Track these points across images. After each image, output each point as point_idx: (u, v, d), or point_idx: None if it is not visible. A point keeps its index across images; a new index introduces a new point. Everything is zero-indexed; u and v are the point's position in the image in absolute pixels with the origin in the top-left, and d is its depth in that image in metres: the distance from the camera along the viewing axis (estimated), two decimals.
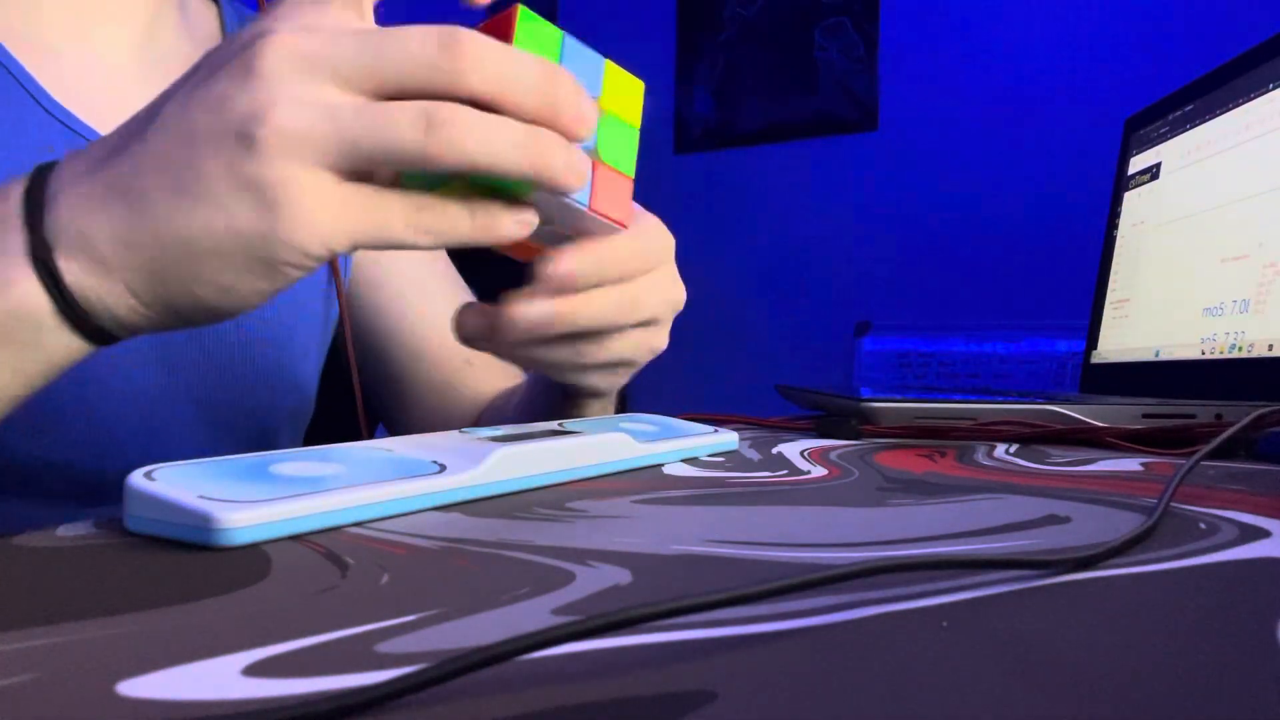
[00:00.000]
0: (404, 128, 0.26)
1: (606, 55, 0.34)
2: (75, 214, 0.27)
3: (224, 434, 0.51)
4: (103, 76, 0.48)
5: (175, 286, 0.28)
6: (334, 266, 0.54)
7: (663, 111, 2.67)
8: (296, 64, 0.26)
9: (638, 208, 0.37)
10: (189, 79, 0.28)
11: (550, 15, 2.84)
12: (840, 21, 2.40)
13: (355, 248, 0.28)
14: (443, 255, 0.69)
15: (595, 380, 0.40)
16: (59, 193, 0.28)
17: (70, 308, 0.27)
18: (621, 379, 0.41)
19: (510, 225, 0.29)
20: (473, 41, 0.27)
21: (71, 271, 0.27)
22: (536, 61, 0.28)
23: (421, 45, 0.27)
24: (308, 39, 0.27)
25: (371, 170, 0.28)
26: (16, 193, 0.28)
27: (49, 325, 0.28)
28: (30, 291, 0.27)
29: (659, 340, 0.39)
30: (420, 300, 0.63)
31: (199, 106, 0.27)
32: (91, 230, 0.27)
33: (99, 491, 0.46)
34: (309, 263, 0.27)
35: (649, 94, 2.79)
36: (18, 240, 0.27)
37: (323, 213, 0.27)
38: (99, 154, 0.28)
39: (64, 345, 0.28)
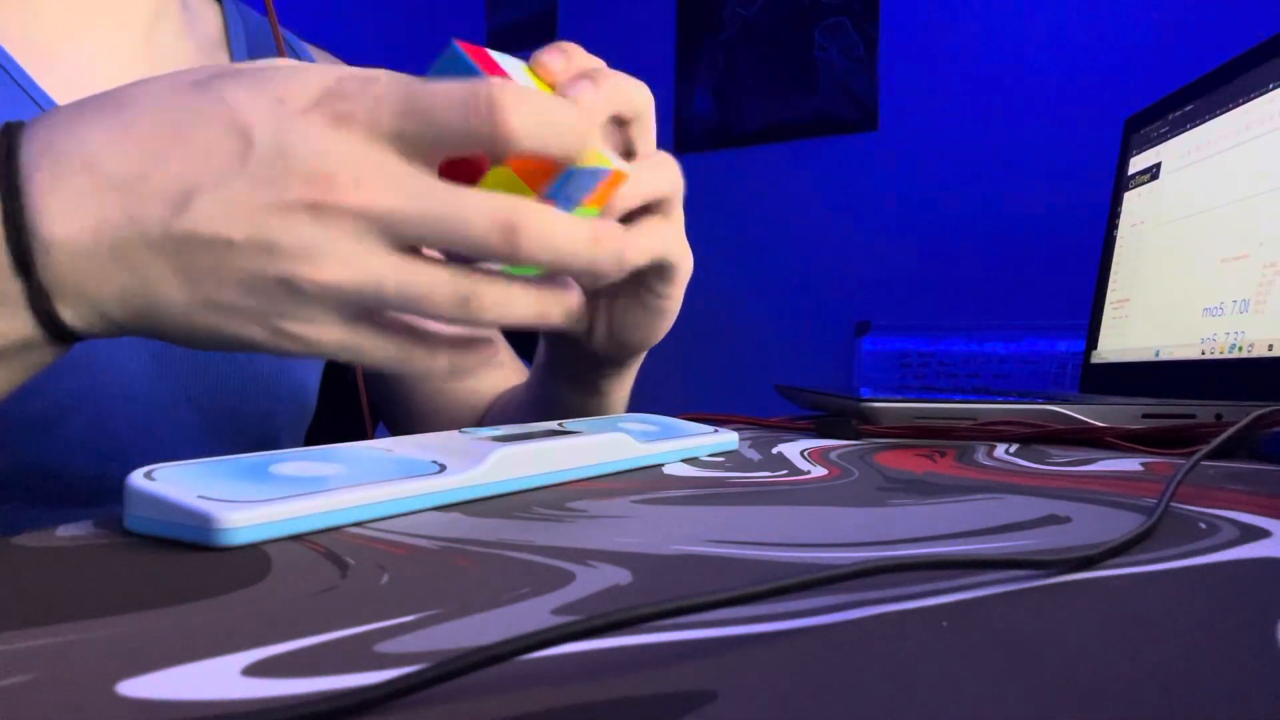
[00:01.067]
0: (440, 303, 0.27)
1: (606, 56, 0.34)
2: (76, 276, 0.26)
3: (224, 438, 0.51)
4: (104, 80, 0.48)
5: (174, 338, 0.28)
6: None
7: (663, 111, 2.67)
8: (359, 221, 0.26)
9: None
10: (235, 165, 0.26)
11: (550, 16, 2.84)
12: (840, 21, 2.40)
13: (326, 359, 0.30)
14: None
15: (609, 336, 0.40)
16: (51, 246, 0.26)
17: (64, 337, 0.28)
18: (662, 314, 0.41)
19: (478, 364, 0.31)
20: (533, 226, 0.27)
21: (73, 316, 0.27)
22: (583, 229, 0.28)
23: (485, 225, 0.26)
24: (376, 198, 0.26)
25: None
26: None
27: (38, 346, 0.28)
28: (26, 329, 0.27)
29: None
30: None
31: (243, 225, 0.25)
32: (95, 294, 0.27)
33: (100, 496, 0.46)
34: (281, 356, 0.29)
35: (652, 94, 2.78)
36: (12, 286, 0.26)
37: (325, 342, 0.28)
38: (102, 206, 0.26)
39: (51, 355, 0.29)
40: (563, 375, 0.47)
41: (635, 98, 0.34)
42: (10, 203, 0.26)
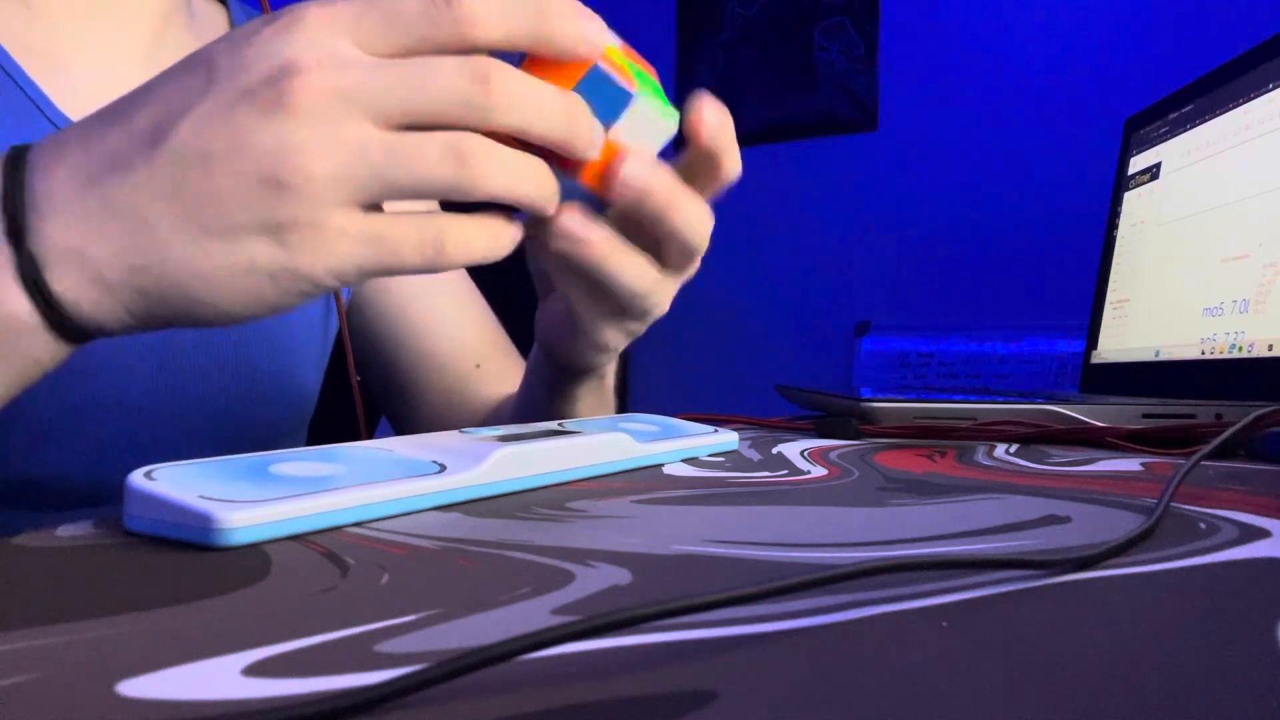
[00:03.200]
0: (434, 163, 0.27)
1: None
2: (71, 234, 0.26)
3: (223, 443, 0.51)
4: (109, 87, 0.48)
5: (175, 307, 0.27)
6: None
7: None
8: (329, 103, 0.26)
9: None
10: (201, 87, 0.27)
11: None
12: (840, 21, 2.40)
13: (364, 278, 0.28)
14: None
15: (608, 334, 0.40)
16: (46, 207, 0.26)
17: (60, 318, 0.27)
18: (625, 339, 0.40)
19: (518, 235, 0.30)
20: (502, 77, 0.27)
21: (65, 287, 0.26)
22: (558, 95, 0.28)
23: (455, 78, 0.26)
24: (340, 75, 0.26)
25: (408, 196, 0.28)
26: None
27: (31, 332, 0.27)
28: (17, 306, 0.26)
29: (669, 295, 0.38)
30: (430, 303, 0.62)
31: (219, 136, 0.26)
32: (91, 251, 0.26)
33: (98, 501, 0.46)
34: (315, 293, 0.28)
35: None
36: (1, 255, 0.26)
37: (340, 247, 0.27)
38: (89, 162, 0.27)
39: (46, 350, 0.28)
40: (542, 379, 0.47)
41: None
42: (12, 173, 0.27)
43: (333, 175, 0.26)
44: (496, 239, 0.29)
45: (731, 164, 0.34)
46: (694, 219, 0.34)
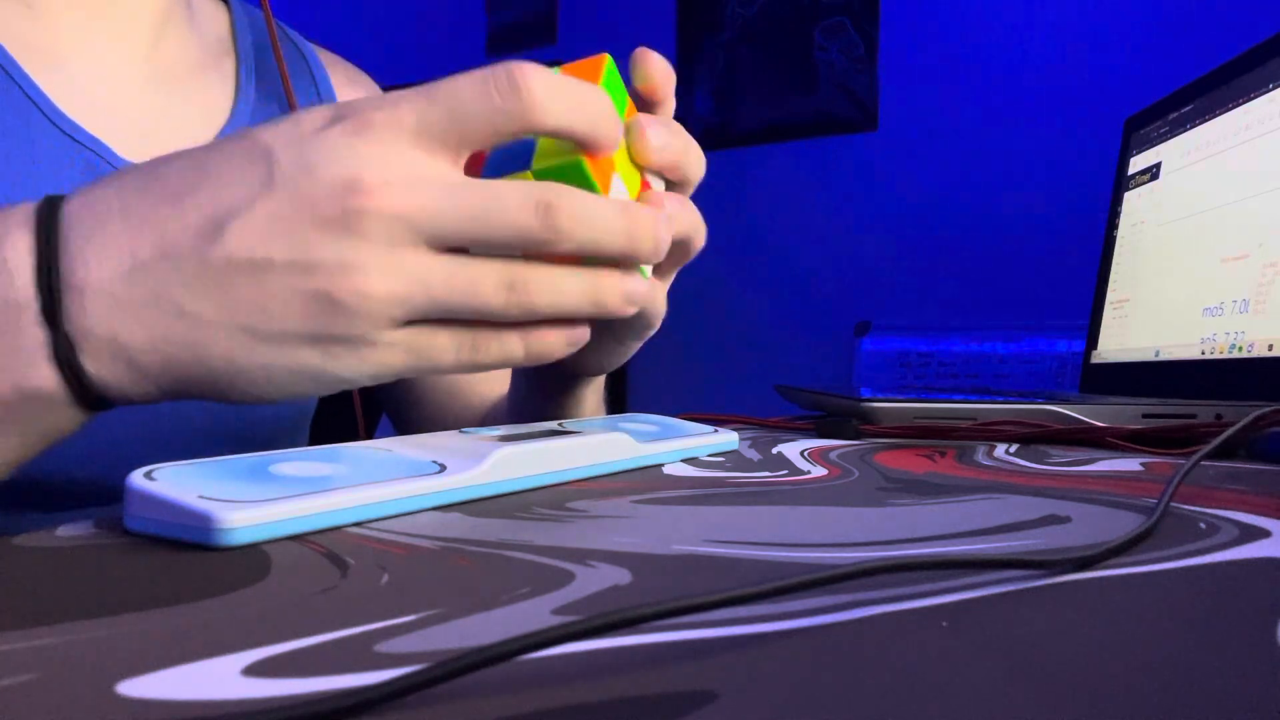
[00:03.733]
0: (489, 292, 0.27)
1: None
2: (109, 321, 0.25)
3: (226, 444, 0.51)
4: (109, 86, 0.48)
5: (208, 392, 0.27)
6: None
7: None
8: (394, 226, 0.25)
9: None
10: (262, 183, 0.26)
11: (550, 16, 2.84)
12: (840, 21, 2.40)
13: (399, 378, 0.28)
14: None
15: (612, 350, 0.41)
16: (85, 287, 0.25)
17: (88, 395, 0.26)
18: (637, 345, 0.41)
19: (561, 347, 0.30)
20: (568, 206, 0.27)
21: (99, 368, 0.26)
22: (619, 213, 0.28)
23: (519, 213, 0.26)
24: (408, 198, 0.26)
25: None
26: (24, 271, 0.25)
27: (59, 406, 0.27)
28: (47, 383, 0.26)
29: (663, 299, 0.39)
30: None
31: (278, 246, 0.25)
32: (130, 340, 0.26)
33: (100, 501, 0.46)
34: (351, 387, 0.28)
35: None
36: (36, 335, 0.25)
37: (385, 358, 0.27)
38: (134, 245, 0.25)
39: (71, 420, 0.28)
40: (539, 387, 0.47)
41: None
42: (46, 248, 0.25)
43: (390, 298, 0.26)
44: (542, 347, 0.30)
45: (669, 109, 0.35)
46: (696, 224, 0.35)
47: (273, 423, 0.53)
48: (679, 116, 2.68)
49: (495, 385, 0.61)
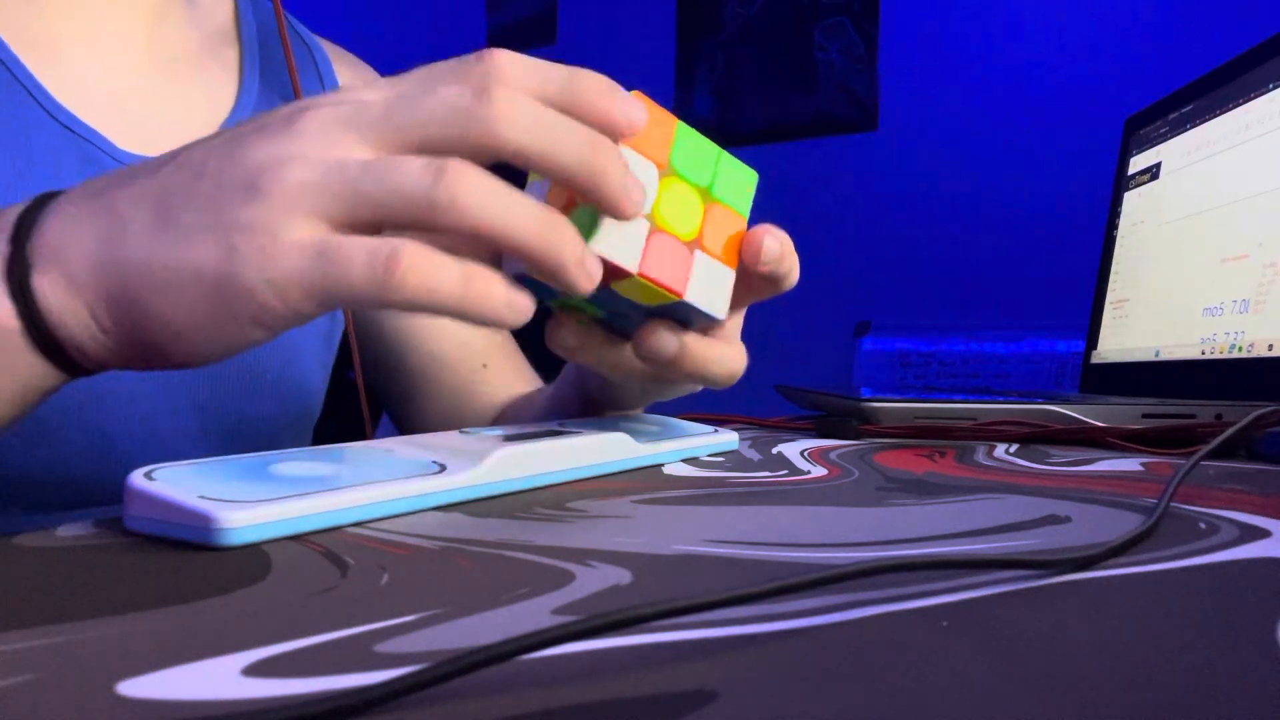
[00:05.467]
0: (413, 176, 0.24)
1: (606, 56, 0.33)
2: (59, 231, 0.27)
3: (228, 443, 0.51)
4: (107, 77, 0.48)
5: (133, 319, 0.26)
6: None
7: None
8: (327, 126, 0.26)
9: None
10: (234, 131, 0.27)
11: (550, 16, 2.84)
12: (840, 21, 2.40)
13: (310, 300, 0.25)
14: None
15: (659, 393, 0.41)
16: (52, 212, 0.27)
17: (38, 328, 0.26)
18: (678, 392, 0.42)
19: (501, 306, 0.25)
20: (507, 96, 0.25)
21: (43, 290, 0.26)
22: (575, 125, 0.26)
23: (455, 98, 0.25)
24: (345, 105, 0.26)
25: (377, 225, 0.26)
26: (14, 211, 0.28)
27: (19, 348, 0.27)
28: (3, 311, 0.26)
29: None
30: None
31: (221, 154, 0.26)
32: (68, 247, 0.26)
33: (100, 502, 0.46)
34: (267, 317, 0.25)
35: (651, 94, 2.79)
36: (1, 253, 0.27)
37: (286, 259, 0.25)
38: (110, 179, 0.28)
39: (36, 372, 0.27)
40: (585, 401, 0.47)
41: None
42: (30, 207, 0.27)
43: (304, 182, 0.25)
44: (476, 289, 0.25)
45: (792, 276, 0.35)
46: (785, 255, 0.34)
47: (275, 421, 0.53)
48: (679, 116, 2.68)
49: (502, 387, 0.61)
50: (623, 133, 0.28)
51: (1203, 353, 0.65)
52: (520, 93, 0.26)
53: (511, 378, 0.62)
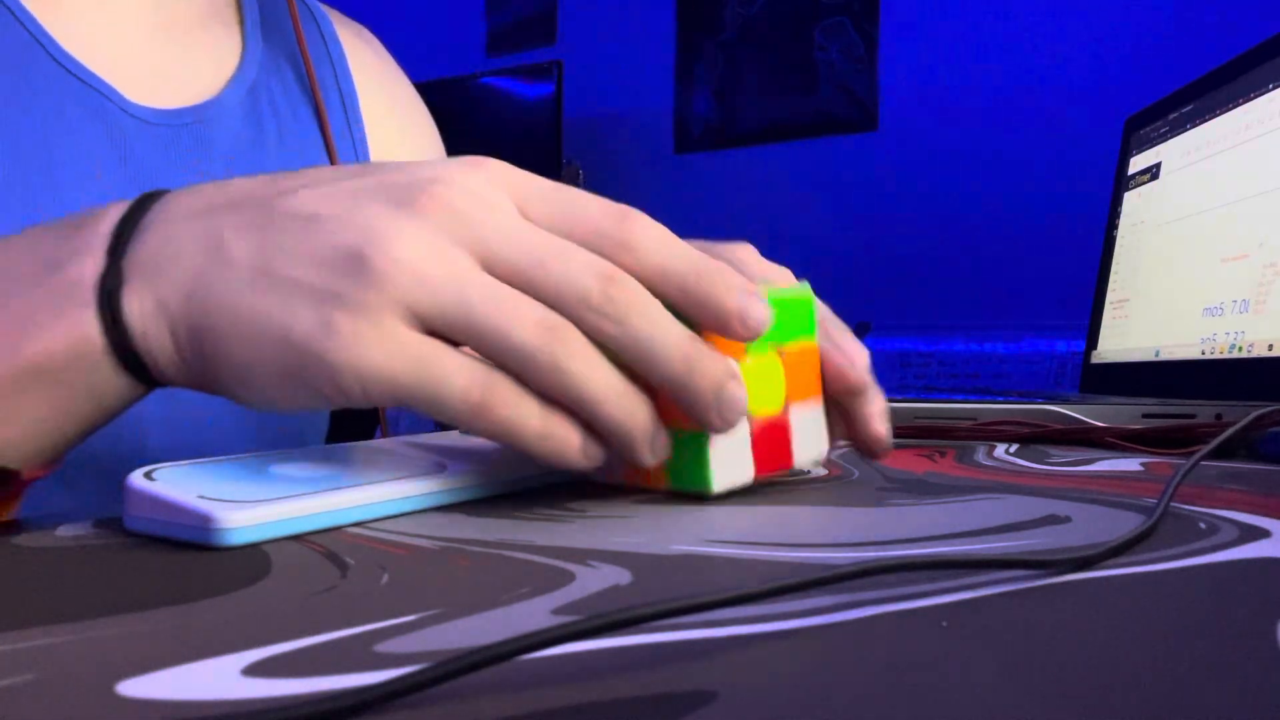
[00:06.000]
0: (526, 324, 0.24)
1: (606, 56, 0.33)
2: (158, 251, 0.26)
3: (252, 429, 0.51)
4: (115, 34, 0.48)
5: (210, 354, 0.26)
6: None
7: (663, 111, 2.67)
8: (455, 220, 0.25)
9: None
10: (356, 172, 0.27)
11: (550, 16, 2.84)
12: (840, 21, 2.40)
13: (392, 398, 0.25)
14: None
15: None
16: (153, 226, 0.26)
17: (123, 345, 0.26)
18: None
19: (575, 454, 0.26)
20: (630, 286, 0.25)
21: (132, 308, 0.26)
22: (684, 342, 0.26)
23: (584, 269, 0.25)
24: (481, 205, 0.25)
25: (468, 344, 0.25)
26: (112, 217, 0.27)
27: (101, 364, 0.26)
28: (89, 328, 0.26)
29: None
30: None
31: (337, 205, 0.25)
32: (166, 269, 0.26)
33: (119, 482, 0.46)
34: (339, 398, 0.25)
35: (651, 94, 2.79)
36: (92, 267, 0.26)
37: (381, 349, 0.24)
38: (215, 195, 0.27)
39: (116, 385, 0.27)
40: None
41: None
42: (136, 205, 0.27)
43: (419, 277, 0.24)
44: (557, 437, 0.25)
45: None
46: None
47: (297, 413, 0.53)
48: (679, 116, 2.68)
49: None
50: (739, 337, 0.27)
51: (1203, 353, 0.65)
52: (645, 296, 0.25)
53: None
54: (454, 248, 0.25)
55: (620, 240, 0.26)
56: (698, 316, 0.26)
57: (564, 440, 0.25)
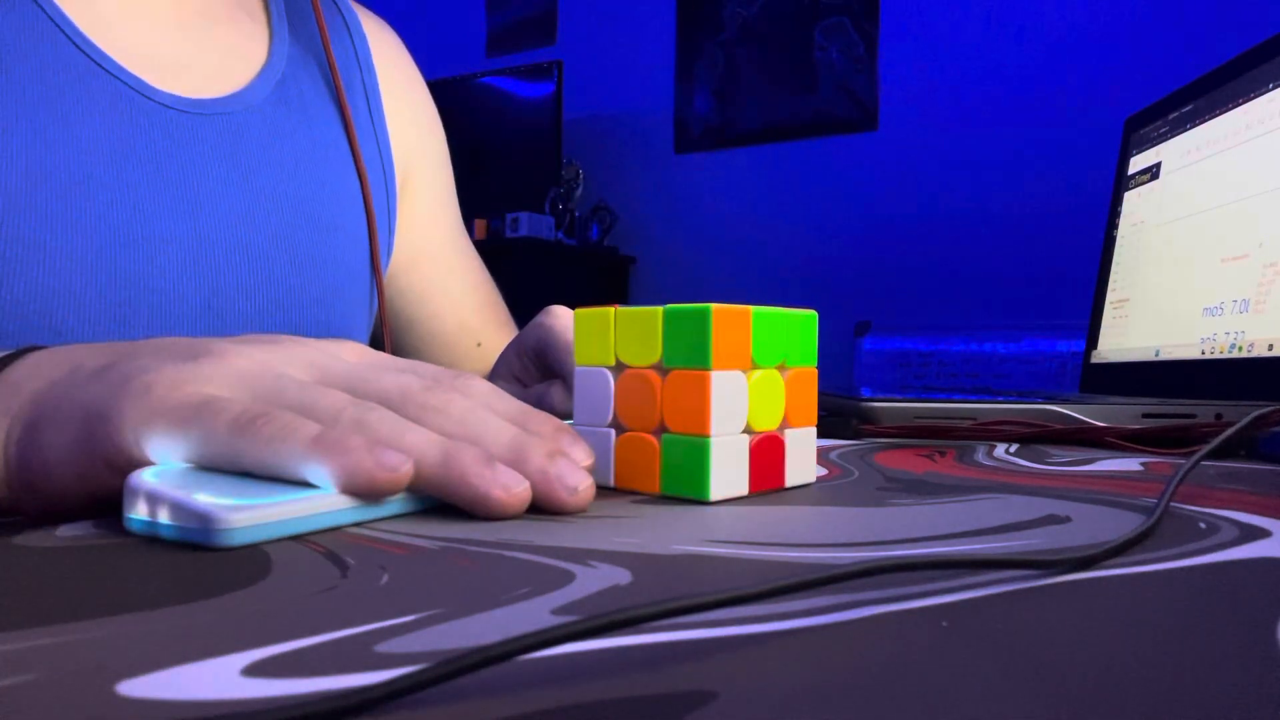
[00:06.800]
0: (331, 401, 0.26)
1: (606, 56, 0.33)
2: (24, 372, 0.28)
3: None
4: (141, 27, 0.49)
5: (26, 448, 0.26)
6: (374, 256, 0.55)
7: (663, 111, 2.67)
8: (297, 353, 0.28)
9: None
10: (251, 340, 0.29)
11: (550, 16, 2.84)
12: (840, 21, 2.40)
13: (174, 440, 0.25)
14: (462, 230, 0.70)
15: None
16: (28, 359, 0.29)
17: None
18: None
19: (377, 472, 0.24)
20: (448, 398, 0.27)
21: None
22: (491, 425, 0.27)
23: (409, 382, 0.28)
24: (318, 352, 0.29)
25: None
26: None
27: None
28: None
29: None
30: (445, 284, 0.64)
31: (209, 340, 0.28)
32: (22, 383, 0.28)
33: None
34: (120, 458, 0.25)
35: (650, 94, 2.79)
36: None
37: (159, 396, 0.25)
38: (89, 348, 0.29)
39: None
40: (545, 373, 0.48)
41: None
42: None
43: (241, 369, 0.27)
44: (321, 440, 0.24)
45: None
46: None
47: None
48: (679, 116, 2.68)
49: (493, 362, 0.62)
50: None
51: (1203, 353, 0.65)
52: (463, 398, 0.28)
53: (501, 335, 0.63)
54: (284, 366, 0.27)
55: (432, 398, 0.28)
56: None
57: (370, 468, 0.24)
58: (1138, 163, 0.81)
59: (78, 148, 0.44)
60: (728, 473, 0.29)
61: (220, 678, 0.14)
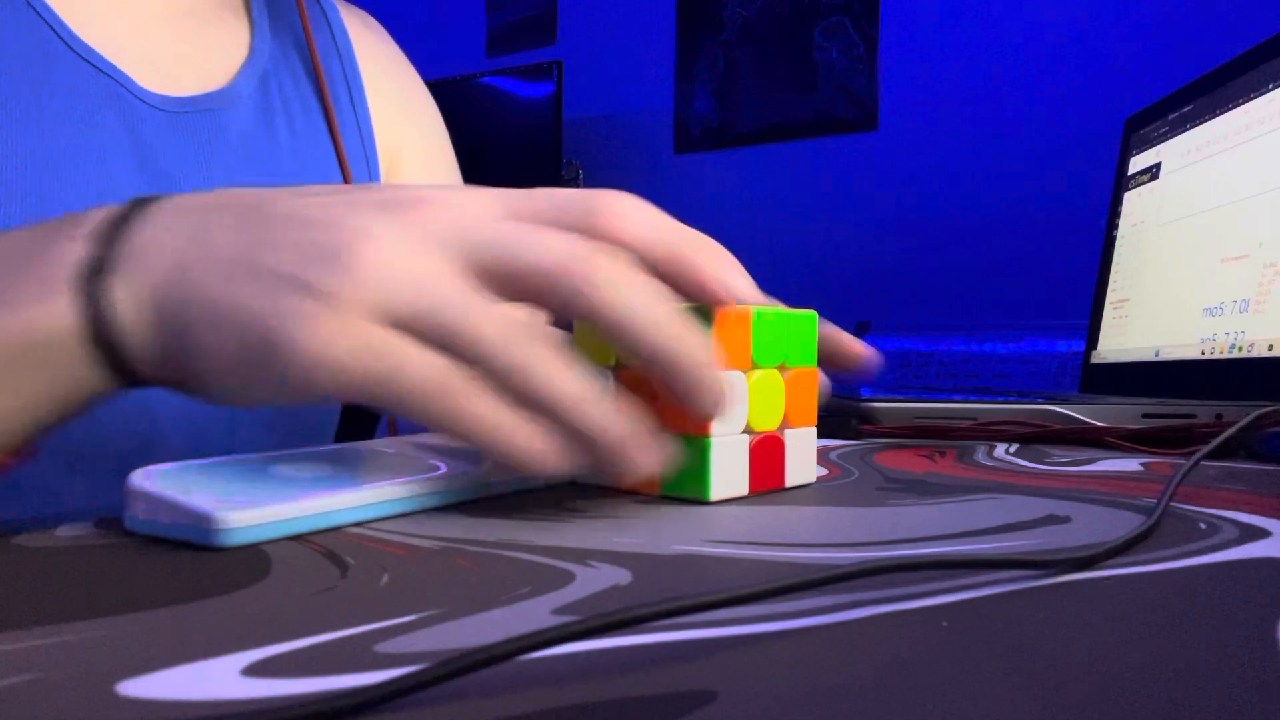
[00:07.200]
0: (491, 331, 0.24)
1: (606, 56, 0.33)
2: (151, 239, 0.26)
3: (267, 428, 0.51)
4: (129, 22, 0.48)
5: (183, 344, 0.26)
6: None
7: (663, 111, 2.67)
8: (432, 230, 0.25)
9: None
10: (354, 192, 0.27)
11: (550, 16, 2.84)
12: (840, 21, 2.40)
13: (353, 392, 0.24)
14: None
15: None
16: (148, 217, 0.27)
17: (102, 334, 0.26)
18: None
19: (537, 453, 0.25)
20: (610, 272, 0.25)
21: (118, 295, 0.26)
22: (677, 323, 0.25)
23: (561, 252, 0.25)
24: (455, 214, 0.26)
25: (436, 342, 0.25)
26: (104, 211, 0.27)
27: (77, 354, 0.26)
28: (65, 314, 0.26)
29: None
30: None
31: (324, 207, 0.26)
32: (155, 256, 0.26)
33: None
34: (301, 386, 0.24)
35: (650, 94, 2.79)
36: (78, 255, 0.26)
37: (345, 339, 0.24)
38: (217, 198, 0.27)
39: (91, 377, 0.27)
40: None
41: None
42: (129, 206, 0.27)
43: (392, 273, 0.24)
44: (513, 434, 0.24)
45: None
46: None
47: (310, 409, 0.53)
48: (679, 116, 2.68)
49: None
50: (723, 302, 0.27)
51: (1203, 353, 0.65)
52: (626, 267, 0.25)
53: None
54: (432, 251, 0.25)
55: (600, 221, 0.26)
56: (683, 283, 0.27)
57: (527, 445, 0.24)
58: (1138, 163, 0.81)
59: (69, 145, 0.44)
60: (728, 473, 0.29)
61: (220, 678, 0.14)
